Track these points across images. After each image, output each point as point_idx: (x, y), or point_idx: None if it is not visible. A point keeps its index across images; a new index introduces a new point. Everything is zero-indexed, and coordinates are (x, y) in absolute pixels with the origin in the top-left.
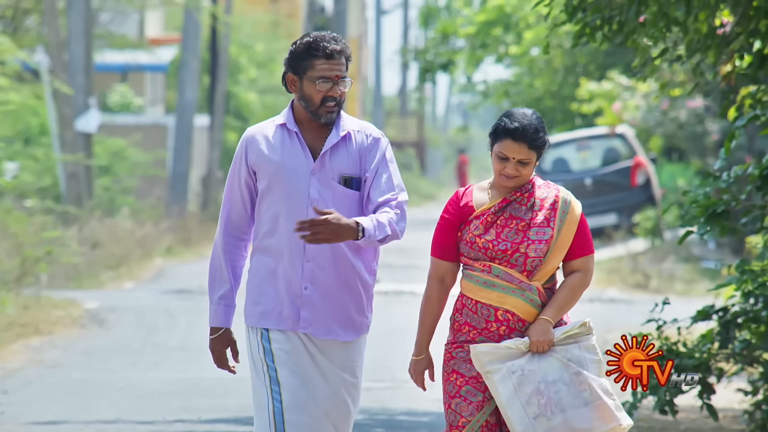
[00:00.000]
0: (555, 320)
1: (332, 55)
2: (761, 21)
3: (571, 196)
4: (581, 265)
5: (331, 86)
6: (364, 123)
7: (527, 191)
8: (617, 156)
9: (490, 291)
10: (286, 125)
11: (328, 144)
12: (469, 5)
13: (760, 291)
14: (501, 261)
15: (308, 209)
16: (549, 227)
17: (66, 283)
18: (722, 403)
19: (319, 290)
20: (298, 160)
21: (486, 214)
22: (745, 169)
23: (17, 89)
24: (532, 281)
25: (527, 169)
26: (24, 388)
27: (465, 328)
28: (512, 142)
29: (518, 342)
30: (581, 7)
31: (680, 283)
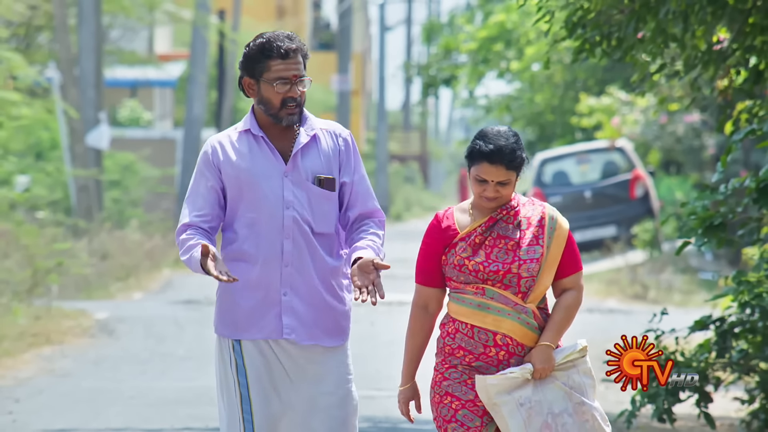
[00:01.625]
0: (555, 344)
1: (287, 54)
2: (757, 37)
3: (557, 212)
4: (573, 283)
5: (289, 87)
6: (329, 122)
7: (512, 209)
8: (616, 169)
9: (485, 314)
10: (250, 131)
11: (298, 145)
12: (471, 21)
13: (756, 302)
14: (494, 283)
15: (284, 212)
16: (539, 245)
17: (76, 293)
18: (719, 412)
19: (299, 295)
20: (268, 164)
21: (473, 234)
22: (741, 182)
23: (29, 104)
24: (527, 303)
25: (507, 189)
26: (35, 397)
27: (459, 352)
28: (489, 165)
29: (524, 370)
30: (581, 23)
31: (678, 294)
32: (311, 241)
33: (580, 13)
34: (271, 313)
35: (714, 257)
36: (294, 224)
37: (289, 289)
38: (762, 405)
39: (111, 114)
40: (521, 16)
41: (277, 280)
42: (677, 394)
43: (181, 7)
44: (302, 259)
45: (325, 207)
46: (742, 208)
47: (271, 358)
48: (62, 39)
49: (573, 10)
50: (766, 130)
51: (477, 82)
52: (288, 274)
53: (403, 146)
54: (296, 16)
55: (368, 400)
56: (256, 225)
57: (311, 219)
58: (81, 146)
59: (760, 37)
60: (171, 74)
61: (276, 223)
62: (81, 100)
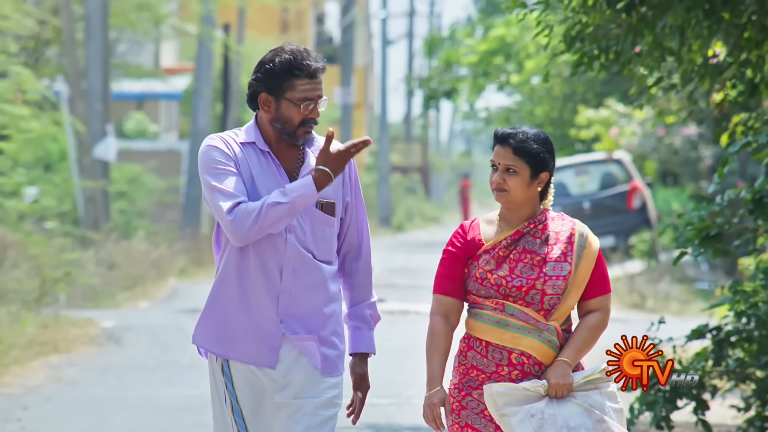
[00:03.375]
0: (574, 363)
1: (315, 73)
2: (752, 51)
3: (588, 230)
4: (599, 305)
5: (313, 107)
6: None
7: (541, 223)
8: (614, 180)
9: (503, 331)
10: (255, 145)
11: (307, 167)
12: (472, 35)
13: (752, 311)
14: (515, 299)
15: (286, 235)
16: (566, 262)
17: (84, 302)
18: (716, 419)
19: (297, 323)
20: (274, 184)
21: (497, 247)
22: (737, 193)
23: (37, 117)
24: (549, 321)
25: (515, 181)
26: (43, 405)
27: (473, 372)
28: (499, 147)
29: (536, 384)
30: (579, 37)
31: (675, 303)
32: (313, 267)
33: (578, 27)
34: (263, 342)
35: (710, 267)
36: (294, 249)
37: (285, 317)
38: (758, 412)
39: (118, 126)
40: (521, 30)
41: (273, 307)
42: (675, 401)
43: (186, 22)
44: (301, 287)
45: (326, 232)
46: (738, 218)
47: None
48: (70, 53)
49: (572, 25)
50: (761, 142)
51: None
52: (285, 302)
53: (405, 158)
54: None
55: (370, 408)
56: (256, 247)
57: (313, 245)
58: (88, 158)
59: (755, 51)
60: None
61: (276, 246)
62: (88, 113)
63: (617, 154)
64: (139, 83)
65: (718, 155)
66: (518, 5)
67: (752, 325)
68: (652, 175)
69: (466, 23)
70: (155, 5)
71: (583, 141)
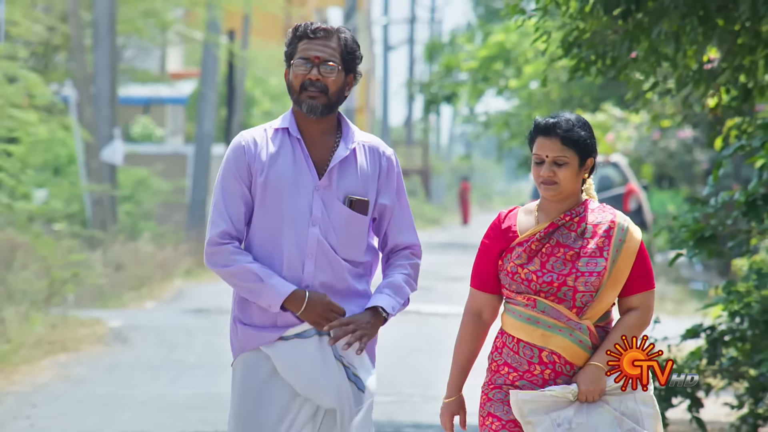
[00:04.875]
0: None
1: (315, 33)
2: (745, 57)
3: (630, 222)
4: (640, 302)
5: (309, 68)
6: (372, 137)
7: (578, 215)
8: (611, 183)
9: (534, 328)
10: (288, 130)
11: (337, 158)
12: (472, 41)
13: (745, 311)
14: (547, 295)
15: (309, 229)
16: (602, 257)
17: (91, 303)
18: (710, 417)
19: None
20: (300, 173)
21: (530, 240)
22: (731, 195)
23: (46, 121)
24: (582, 319)
25: (565, 172)
26: (52, 402)
27: (504, 369)
28: (543, 138)
29: (565, 390)
30: (577, 43)
31: (670, 303)
32: (338, 264)
33: (576, 33)
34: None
35: (704, 268)
36: (318, 244)
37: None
38: (751, 410)
39: (125, 130)
40: (520, 36)
41: None
42: (670, 399)
43: (192, 28)
44: (324, 283)
45: (354, 231)
46: (731, 220)
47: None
48: (78, 59)
49: (569, 31)
50: (754, 146)
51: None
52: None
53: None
54: None
55: None
56: (276, 239)
57: (336, 241)
58: (96, 161)
59: (749, 56)
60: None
61: (299, 240)
62: (96, 117)
63: (614, 157)
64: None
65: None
66: (517, 12)
67: (745, 325)
68: (647, 178)
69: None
70: (161, 12)
71: None
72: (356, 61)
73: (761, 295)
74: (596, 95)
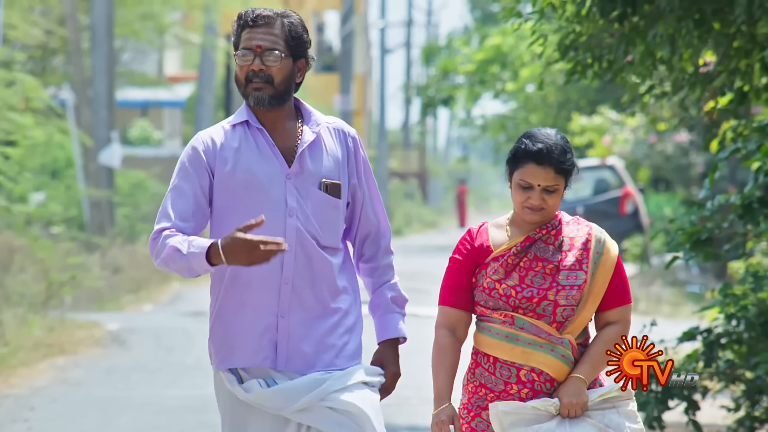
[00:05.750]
0: (590, 379)
1: (255, 21)
2: (741, 60)
3: (606, 235)
4: (618, 317)
5: (252, 58)
6: (334, 118)
7: (554, 228)
8: (607, 186)
9: (513, 346)
10: (247, 122)
11: (304, 143)
12: (468, 44)
13: (741, 313)
14: (526, 311)
15: (286, 220)
16: (581, 270)
17: (89, 305)
18: (707, 419)
19: (298, 318)
20: (269, 164)
21: (506, 255)
22: (727, 198)
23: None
24: (563, 334)
25: (554, 199)
26: (50, 405)
27: (481, 390)
28: (536, 166)
29: (547, 403)
30: (573, 46)
31: (667, 306)
32: (317, 255)
33: (572, 36)
34: (264, 338)
35: (701, 271)
36: (297, 235)
37: (287, 311)
38: (747, 413)
39: (122, 133)
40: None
41: (274, 300)
42: (667, 402)
43: (189, 31)
44: (304, 277)
45: (331, 216)
46: (728, 223)
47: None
48: (76, 62)
49: (566, 34)
50: (750, 149)
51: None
52: (287, 293)
53: (403, 164)
54: None
55: None
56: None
57: (317, 230)
58: (94, 164)
59: (744, 60)
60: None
61: (276, 233)
62: (94, 120)
63: (610, 160)
64: (144, 91)
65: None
66: (514, 15)
67: (742, 328)
68: (644, 180)
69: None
70: (159, 15)
71: (577, 147)
72: (305, 45)
73: (757, 297)
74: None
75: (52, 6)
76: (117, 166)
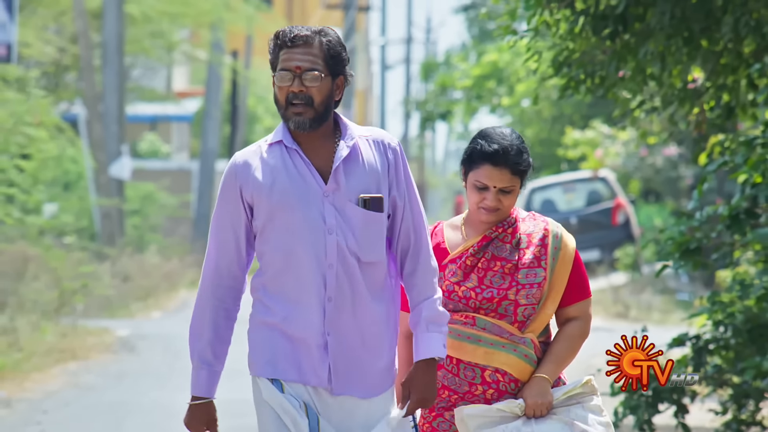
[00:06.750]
0: (553, 378)
1: (294, 41)
2: (728, 77)
3: (562, 229)
4: (579, 312)
5: (291, 80)
6: (373, 129)
7: (510, 225)
8: (600, 197)
9: (475, 347)
10: (282, 143)
11: (338, 158)
12: (466, 60)
13: (729, 320)
14: (487, 311)
15: (326, 237)
16: (540, 267)
17: (100, 312)
18: (695, 422)
19: (342, 335)
20: (305, 183)
21: (464, 256)
22: (715, 209)
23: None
24: (525, 333)
25: (510, 199)
26: (62, 409)
27: (444, 393)
28: (491, 167)
29: (512, 404)
30: (567, 62)
31: (657, 313)
32: (356, 273)
33: (566, 53)
34: (314, 357)
35: (690, 279)
36: (338, 252)
37: (332, 329)
38: (734, 416)
39: (132, 147)
40: (512, 55)
41: (319, 318)
42: (656, 405)
43: (197, 48)
44: (344, 294)
45: (372, 231)
46: (716, 233)
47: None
48: (88, 78)
49: (559, 51)
50: (737, 162)
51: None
52: (331, 311)
53: None
54: None
55: None
56: (293, 254)
57: (357, 247)
58: (105, 177)
59: (731, 76)
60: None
61: (317, 251)
62: (105, 134)
63: (602, 172)
64: (153, 106)
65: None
66: (509, 32)
67: (729, 334)
68: (635, 192)
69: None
70: (168, 33)
71: (570, 160)
72: (343, 62)
73: (744, 305)
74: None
75: (65, 25)
76: (127, 178)
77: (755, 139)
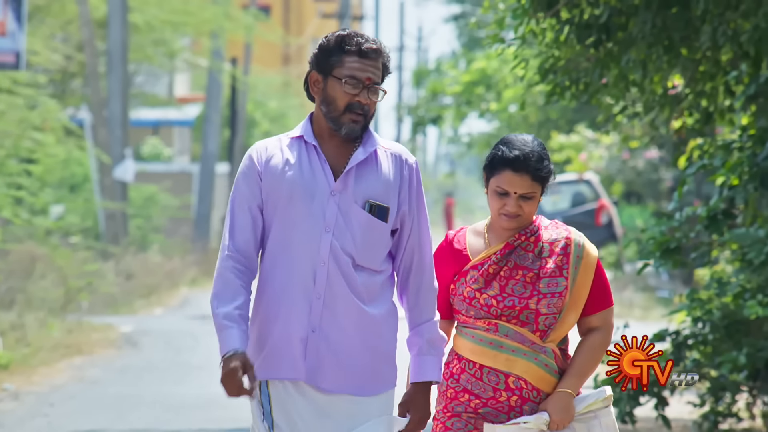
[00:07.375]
0: (576, 391)
1: (367, 53)
2: (707, 83)
3: (584, 238)
4: (601, 322)
5: (360, 90)
6: (395, 144)
7: (533, 234)
8: (584, 199)
9: (497, 353)
10: (303, 138)
11: (354, 160)
12: (456, 67)
13: (707, 317)
14: (509, 318)
15: (322, 235)
16: (562, 276)
17: (104, 309)
18: (675, 414)
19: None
20: (315, 179)
21: (486, 263)
22: (694, 210)
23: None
24: (546, 343)
25: (531, 206)
26: (67, 402)
27: (464, 396)
28: (512, 173)
29: (539, 421)
30: (552, 70)
31: (638, 310)
32: (351, 275)
33: (551, 60)
34: (296, 350)
35: (670, 277)
36: (331, 251)
37: (318, 325)
38: (712, 408)
39: (136, 150)
40: (500, 63)
41: (305, 313)
42: (638, 398)
43: (198, 56)
44: (335, 293)
45: (373, 237)
46: (694, 233)
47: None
48: (93, 84)
49: (545, 58)
50: (715, 165)
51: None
52: (318, 308)
53: None
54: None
55: None
56: (289, 247)
57: (354, 249)
58: (109, 179)
59: (710, 83)
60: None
61: (311, 247)
62: (109, 138)
63: (587, 175)
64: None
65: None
66: (497, 41)
67: (707, 330)
68: (617, 194)
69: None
70: (170, 41)
71: (556, 164)
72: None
73: (721, 302)
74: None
75: (71, 33)
76: (130, 180)
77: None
